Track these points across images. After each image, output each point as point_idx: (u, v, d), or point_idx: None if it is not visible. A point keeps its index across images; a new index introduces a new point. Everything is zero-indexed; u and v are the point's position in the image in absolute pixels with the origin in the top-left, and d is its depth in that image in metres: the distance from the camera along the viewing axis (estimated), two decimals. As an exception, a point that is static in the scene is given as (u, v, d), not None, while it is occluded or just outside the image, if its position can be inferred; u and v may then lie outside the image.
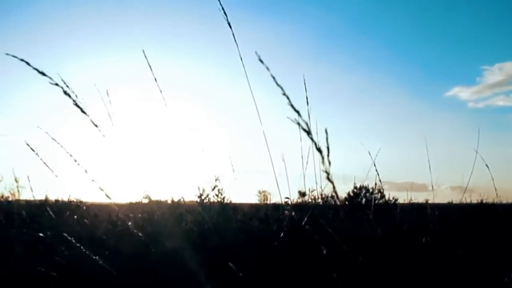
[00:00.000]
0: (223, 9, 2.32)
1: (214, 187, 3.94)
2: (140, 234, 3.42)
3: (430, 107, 25.11)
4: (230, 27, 2.37)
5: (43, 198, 4.73)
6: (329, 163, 0.88)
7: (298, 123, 0.89)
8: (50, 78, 1.05)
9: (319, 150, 0.87)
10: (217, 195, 3.98)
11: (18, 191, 4.68)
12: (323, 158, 0.86)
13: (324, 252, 2.82)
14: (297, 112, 0.88)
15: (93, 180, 1.80)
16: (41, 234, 3.63)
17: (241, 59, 2.45)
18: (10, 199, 4.54)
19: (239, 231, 3.62)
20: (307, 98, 2.91)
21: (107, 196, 1.92)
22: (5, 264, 3.05)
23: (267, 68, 0.93)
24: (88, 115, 0.99)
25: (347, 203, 5.79)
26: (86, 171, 1.67)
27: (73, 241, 3.57)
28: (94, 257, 3.34)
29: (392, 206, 6.24)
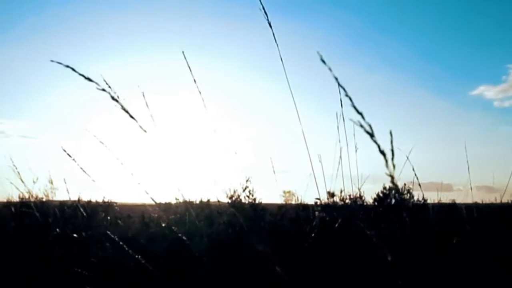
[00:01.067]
0: (263, 8, 2.31)
1: (245, 188, 3.94)
2: (176, 235, 3.45)
3: (455, 106, 24.60)
4: (271, 27, 2.36)
5: (76, 198, 4.82)
6: (394, 166, 0.86)
7: (361, 125, 0.88)
8: (97, 84, 1.05)
9: (382, 153, 0.85)
10: (248, 197, 3.97)
11: (52, 192, 4.80)
12: (386, 161, 0.84)
13: (360, 253, 2.79)
14: (360, 114, 0.87)
15: (139, 183, 1.82)
16: (75, 235, 3.70)
17: (281, 59, 2.44)
18: (44, 199, 4.63)
19: (270, 232, 3.61)
20: (341, 101, 2.89)
21: (152, 200, 1.94)
22: (41, 264, 3.10)
23: (330, 69, 0.92)
24: (136, 120, 0.98)
25: (376, 203, 5.71)
26: (132, 174, 1.68)
27: (107, 241, 3.63)
28: (129, 258, 3.39)
29: (423, 207, 6.12)
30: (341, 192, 6.11)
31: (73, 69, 1.10)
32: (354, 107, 0.88)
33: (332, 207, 5.44)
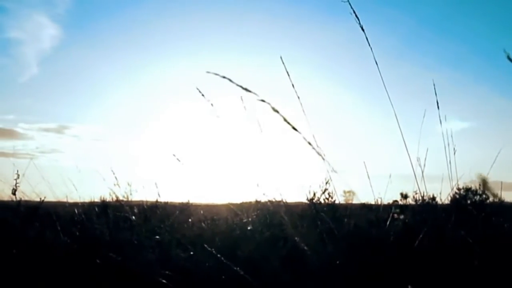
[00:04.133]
0: (354, 12, 2.26)
1: (325, 190, 3.90)
2: (261, 236, 3.45)
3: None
4: (363, 30, 2.31)
5: (153, 200, 4.95)
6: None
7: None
8: (256, 94, 1.03)
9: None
10: (327, 199, 3.93)
11: (131, 193, 4.95)
12: None
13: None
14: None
15: (257, 185, 1.82)
16: (157, 237, 3.78)
17: (376, 62, 2.39)
18: (123, 201, 4.78)
19: (353, 236, 3.53)
20: (437, 103, 2.78)
21: (277, 201, 1.93)
22: (124, 268, 3.14)
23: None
24: (300, 132, 0.95)
25: (452, 204, 5.49)
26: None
27: (188, 243, 3.68)
28: (212, 261, 3.42)
29: (499, 207, 5.83)
30: (416, 193, 5.93)
31: (230, 80, 1.09)
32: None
33: (408, 209, 5.29)
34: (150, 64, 17.62)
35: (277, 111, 0.99)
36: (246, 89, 1.05)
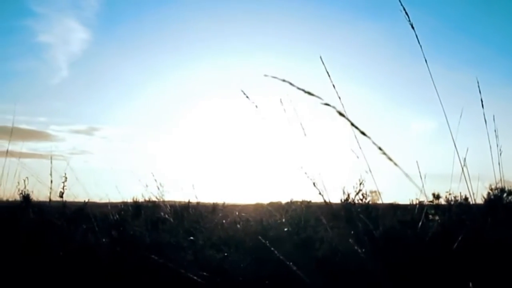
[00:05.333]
0: (404, 9, 2.24)
1: (359, 191, 3.88)
2: (297, 237, 3.46)
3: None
4: (413, 28, 2.29)
5: (185, 200, 4.99)
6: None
7: None
8: (319, 98, 1.01)
9: None
10: (361, 200, 3.91)
11: (163, 194, 5.00)
12: None
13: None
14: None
15: (315, 186, 1.82)
16: (194, 238, 3.82)
17: (426, 60, 2.37)
18: (155, 202, 4.83)
19: (391, 237, 3.51)
20: (482, 101, 2.73)
21: (325, 201, 1.93)
22: (158, 269, 3.17)
23: None
24: (369, 137, 0.95)
25: (486, 205, 5.38)
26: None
27: (223, 244, 3.71)
28: (247, 263, 3.44)
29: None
30: (450, 193, 5.84)
31: (291, 83, 1.08)
32: None
33: (440, 209, 5.22)
34: (179, 65, 17.79)
35: (343, 115, 0.98)
36: (309, 93, 1.05)
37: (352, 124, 1.02)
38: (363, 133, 1.01)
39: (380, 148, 0.97)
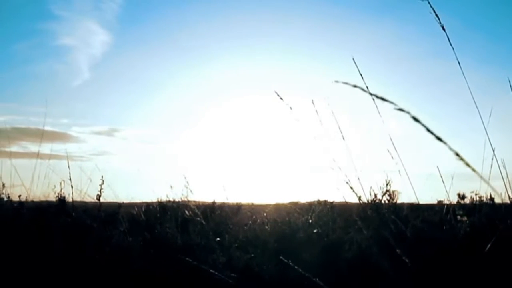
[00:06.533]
0: (434, 11, 2.23)
1: (386, 192, 3.86)
2: (328, 238, 3.45)
3: None
4: (444, 30, 2.27)
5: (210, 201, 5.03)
6: None
7: None
8: (393, 103, 1.00)
9: None
10: (388, 200, 3.89)
11: (187, 195, 5.03)
12: None
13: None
14: None
15: (350, 187, 1.83)
16: (223, 239, 3.84)
17: (459, 63, 2.35)
18: (180, 202, 4.87)
19: (422, 239, 3.48)
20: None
21: (358, 198, 1.93)
22: (197, 271, 3.19)
23: None
24: (445, 143, 0.94)
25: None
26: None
27: (253, 246, 3.72)
28: (276, 264, 3.44)
29: None
30: (476, 194, 5.78)
31: (362, 89, 1.07)
32: None
33: (465, 209, 5.16)
34: (199, 66, 17.90)
35: (417, 120, 0.97)
36: (382, 98, 1.04)
37: (428, 130, 1.02)
38: (439, 138, 1.01)
39: (457, 154, 0.97)
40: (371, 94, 1.04)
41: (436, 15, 2.20)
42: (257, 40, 17.17)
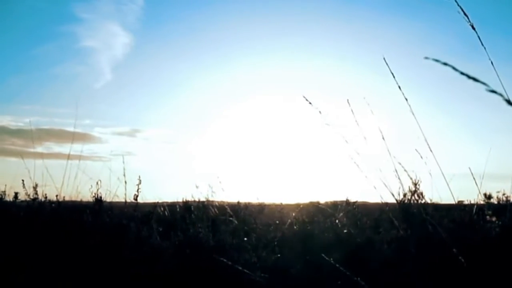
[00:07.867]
0: (462, 10, 2.21)
1: (414, 192, 3.83)
2: (358, 239, 3.46)
3: None
4: (474, 29, 2.25)
5: (235, 201, 5.05)
6: None
7: None
8: (485, 84, 0.97)
9: None
10: (416, 200, 3.86)
11: (212, 195, 5.06)
12: None
13: None
14: None
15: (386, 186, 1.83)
16: (253, 239, 3.85)
17: (492, 62, 2.33)
18: (206, 202, 4.90)
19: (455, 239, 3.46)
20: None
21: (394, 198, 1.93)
22: (230, 270, 3.20)
23: None
24: None
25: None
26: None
27: (283, 246, 3.73)
28: (306, 264, 3.45)
29: None
30: (503, 194, 5.72)
31: (454, 68, 1.04)
32: None
33: (492, 209, 5.11)
34: (220, 66, 18.04)
35: (511, 104, 0.96)
36: (474, 79, 0.99)
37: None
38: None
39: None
40: (462, 73, 1.00)
41: (465, 13, 2.18)
42: (278, 40, 17.19)
